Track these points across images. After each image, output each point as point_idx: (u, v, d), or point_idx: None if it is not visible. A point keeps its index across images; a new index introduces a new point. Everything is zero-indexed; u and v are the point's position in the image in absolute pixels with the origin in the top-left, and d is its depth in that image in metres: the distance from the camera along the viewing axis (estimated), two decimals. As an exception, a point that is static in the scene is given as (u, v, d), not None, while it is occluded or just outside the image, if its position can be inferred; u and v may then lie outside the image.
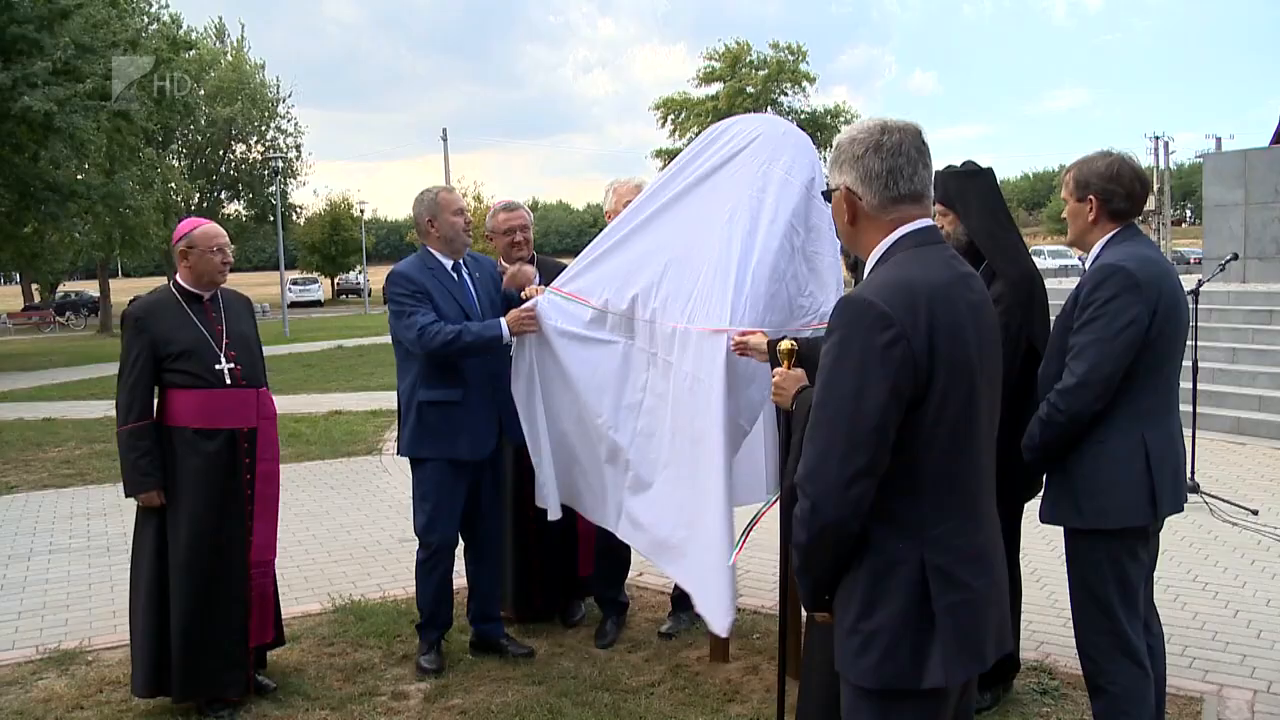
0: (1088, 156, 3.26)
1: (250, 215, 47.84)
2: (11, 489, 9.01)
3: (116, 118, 23.48)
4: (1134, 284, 3.02)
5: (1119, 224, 3.20)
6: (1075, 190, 3.23)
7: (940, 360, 2.02)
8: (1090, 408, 3.06)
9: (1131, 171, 3.18)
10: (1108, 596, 3.11)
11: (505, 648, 4.67)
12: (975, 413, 2.11)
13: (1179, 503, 3.21)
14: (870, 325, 2.00)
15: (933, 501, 2.08)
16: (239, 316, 4.34)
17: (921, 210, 2.19)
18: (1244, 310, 11.47)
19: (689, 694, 4.20)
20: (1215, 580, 5.50)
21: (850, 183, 2.19)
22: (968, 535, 2.11)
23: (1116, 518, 3.09)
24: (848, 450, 2.00)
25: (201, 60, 41.60)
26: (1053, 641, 4.64)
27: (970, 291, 2.15)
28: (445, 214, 4.55)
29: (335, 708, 4.18)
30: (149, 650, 4.09)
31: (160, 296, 4.24)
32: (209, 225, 4.29)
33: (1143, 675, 3.14)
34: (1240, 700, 4.07)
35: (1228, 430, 9.52)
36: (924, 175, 2.17)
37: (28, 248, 26.50)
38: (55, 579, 6.23)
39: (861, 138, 2.17)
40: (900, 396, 2.00)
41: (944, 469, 2.08)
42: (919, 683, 2.05)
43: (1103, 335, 3.03)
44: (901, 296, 2.03)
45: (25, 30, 20.20)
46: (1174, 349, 3.17)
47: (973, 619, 2.10)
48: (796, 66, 54.45)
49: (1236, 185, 14.27)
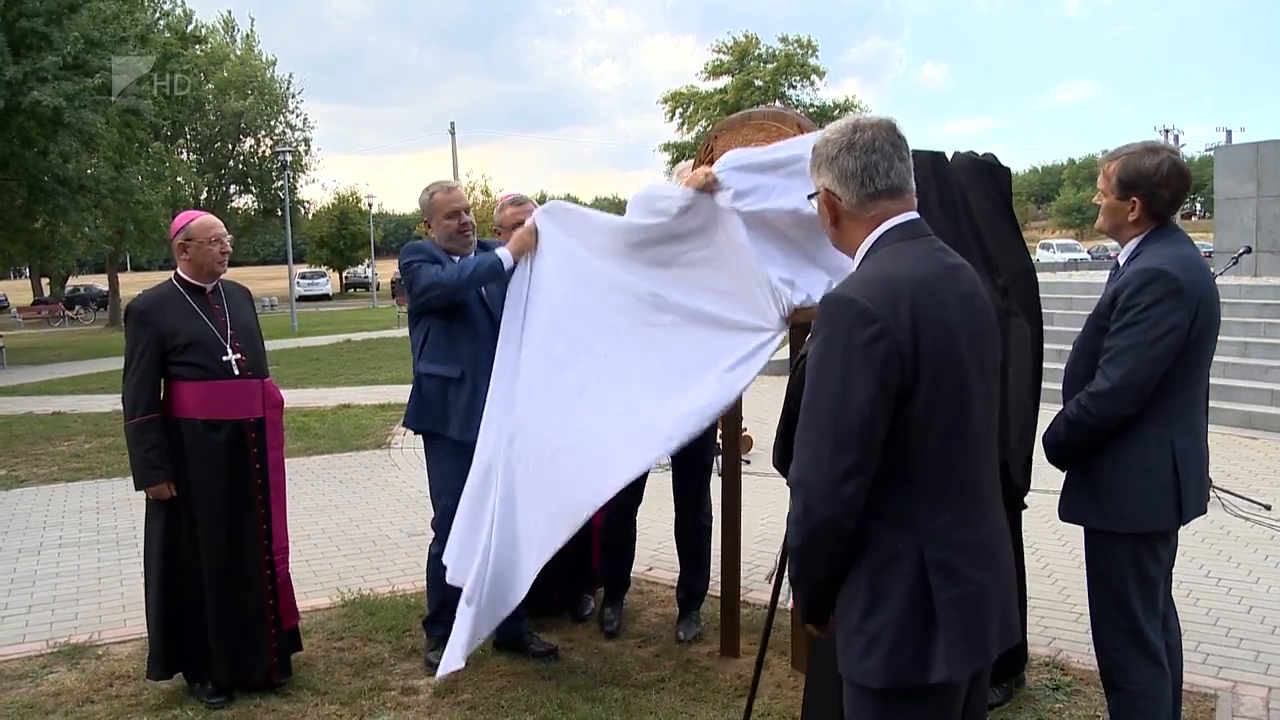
0: (1132, 151, 3.11)
1: (259, 209, 47.89)
2: (21, 483, 9.04)
3: (126, 113, 23.52)
4: (1177, 289, 2.94)
5: (1157, 222, 3.11)
6: (1118, 189, 3.10)
7: (926, 354, 2.00)
8: (1121, 413, 3.01)
9: (1180, 173, 3.06)
10: (1127, 594, 3.07)
11: (528, 645, 4.63)
12: (968, 405, 2.09)
13: (1203, 504, 3.17)
14: (853, 323, 1.99)
15: (929, 495, 2.06)
16: (240, 307, 4.39)
17: (902, 204, 2.17)
18: (1256, 304, 11.42)
19: (699, 689, 4.19)
20: (1229, 576, 5.47)
21: (829, 184, 2.19)
22: (968, 528, 2.10)
23: (1141, 522, 3.04)
24: (836, 449, 1.99)
25: (211, 55, 41.60)
26: (1065, 637, 4.62)
27: (958, 283, 2.13)
28: (439, 218, 4.49)
29: (345, 702, 4.17)
30: (163, 636, 4.18)
31: (164, 290, 4.27)
32: (205, 217, 4.30)
33: (1160, 673, 3.11)
34: (1255, 697, 4.04)
35: (1239, 425, 9.48)
36: (900, 169, 2.16)
37: (38, 242, 26.53)
38: (65, 573, 6.24)
39: (835, 138, 2.18)
40: (887, 392, 1.98)
41: (939, 462, 2.06)
42: (924, 678, 2.04)
43: (1142, 341, 2.95)
44: (883, 291, 2.02)
45: (34, 24, 20.24)
46: (1207, 349, 3.10)
47: (975, 612, 2.08)
48: (805, 60, 54.33)
49: (1248, 178, 14.20)
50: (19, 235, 25.43)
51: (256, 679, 4.25)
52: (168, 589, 4.18)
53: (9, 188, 22.81)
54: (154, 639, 4.23)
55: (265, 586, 4.25)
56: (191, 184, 39.01)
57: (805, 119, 4.05)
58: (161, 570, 4.17)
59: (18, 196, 22.86)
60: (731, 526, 4.47)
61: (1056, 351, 10.86)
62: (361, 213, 58.59)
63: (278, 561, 4.31)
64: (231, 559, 4.16)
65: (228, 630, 4.16)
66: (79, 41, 20.64)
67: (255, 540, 4.22)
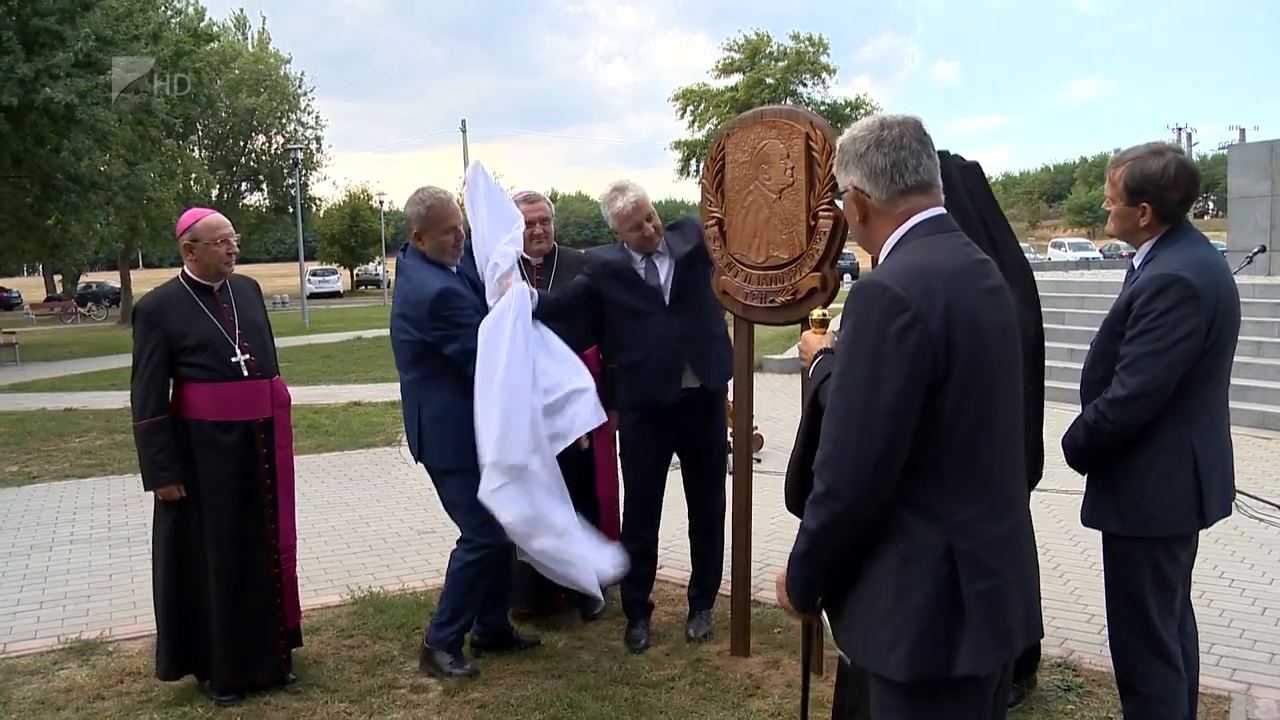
0: (1137, 154, 3.08)
1: (270, 206, 48.03)
2: (33, 479, 9.07)
3: (139, 110, 23.59)
4: (1192, 295, 2.91)
5: (1169, 224, 3.08)
6: (1126, 195, 3.08)
7: (958, 345, 1.99)
8: (1139, 420, 2.99)
9: (1187, 173, 3.04)
10: (1143, 597, 3.05)
11: (512, 637, 4.68)
12: (996, 398, 2.08)
13: (1227, 506, 3.14)
14: (885, 310, 1.98)
15: (957, 487, 2.05)
16: (250, 304, 4.35)
17: (931, 199, 2.17)
18: (1269, 303, 11.34)
19: (709, 689, 4.18)
20: (1242, 577, 5.43)
21: (857, 181, 2.19)
22: (994, 521, 2.09)
23: (1163, 526, 3.02)
24: (864, 437, 1.98)
25: (224, 53, 41.70)
26: (1076, 638, 4.59)
27: (985, 278, 2.12)
28: (437, 231, 4.30)
29: (354, 700, 4.17)
30: (170, 636, 4.18)
31: (171, 290, 4.24)
32: (212, 216, 4.25)
33: (1176, 678, 3.08)
34: (1269, 699, 4.01)
35: (1253, 425, 9.41)
36: (929, 165, 2.17)
37: (50, 239, 26.63)
38: (76, 569, 6.26)
39: (862, 135, 2.18)
40: (918, 382, 1.97)
41: (968, 455, 2.05)
42: (949, 670, 2.03)
43: (1158, 348, 2.93)
44: (917, 280, 2.01)
45: (47, 22, 20.31)
46: (1226, 352, 3.08)
47: (1001, 606, 2.07)
48: (816, 58, 54.21)
49: (1262, 177, 14.12)
50: (31, 232, 25.53)
51: (263, 679, 4.24)
52: (175, 589, 4.17)
53: (22, 185, 22.91)
54: (161, 639, 4.23)
55: (272, 586, 4.25)
56: (203, 181, 39.11)
57: (817, 116, 4.04)
58: (169, 570, 4.16)
59: (30, 194, 22.96)
60: (743, 525, 4.45)
61: (1069, 351, 10.87)
62: (373, 210, 58.64)
63: (284, 561, 4.30)
64: (238, 559, 4.15)
65: (233, 631, 4.15)
66: (90, 38, 20.70)
67: (263, 540, 4.22)
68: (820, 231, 3.95)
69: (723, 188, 4.28)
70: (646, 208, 4.53)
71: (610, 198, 4.57)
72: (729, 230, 4.28)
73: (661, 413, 4.58)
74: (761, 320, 4.31)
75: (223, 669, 4.17)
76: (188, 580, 4.17)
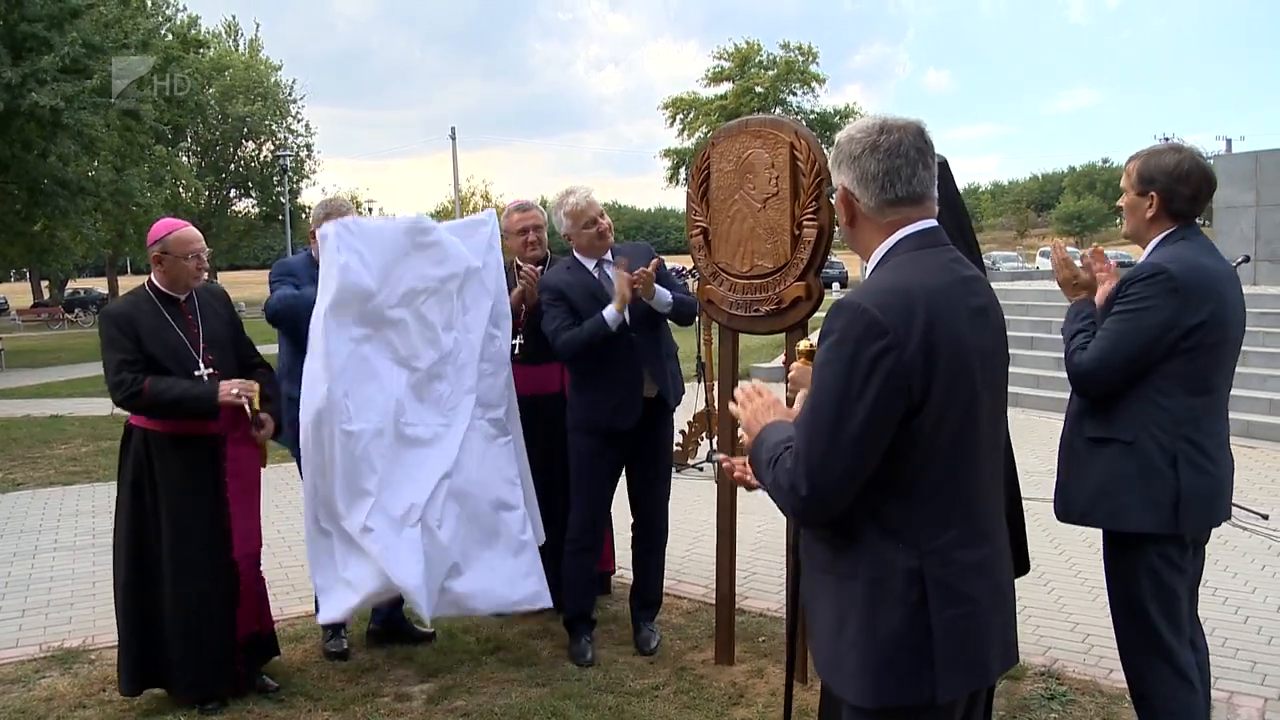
0: (1156, 149, 3.12)
1: (259, 213, 47.89)
2: (18, 486, 9.03)
3: (126, 116, 23.56)
4: (1171, 288, 2.93)
5: (1177, 223, 3.09)
6: (1137, 184, 3.10)
7: (938, 367, 1.96)
8: (1094, 389, 3.06)
9: (1201, 172, 3.04)
10: (1145, 606, 3.03)
11: (405, 630, 4.84)
12: (977, 421, 2.06)
13: (1214, 518, 3.10)
14: (861, 334, 1.95)
15: (933, 511, 2.02)
16: (216, 315, 4.30)
17: (922, 211, 2.12)
18: (1255, 313, 11.37)
19: (693, 697, 4.17)
20: (1225, 586, 5.45)
21: (848, 183, 2.13)
22: (970, 546, 2.05)
23: (1134, 521, 3.01)
24: (830, 451, 1.96)
25: (216, 60, 41.61)
26: (1060, 647, 4.60)
27: (973, 296, 2.08)
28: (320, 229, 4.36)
29: (338, 708, 4.16)
30: (131, 649, 4.11)
31: (137, 299, 4.18)
32: (184, 230, 4.18)
33: (1188, 688, 3.03)
34: (1251, 708, 4.02)
35: (1238, 434, 9.43)
36: (924, 176, 2.10)
37: (37, 245, 26.58)
38: (60, 576, 6.23)
39: (859, 137, 2.11)
40: (889, 406, 1.94)
41: (945, 478, 2.02)
42: (915, 698, 2.01)
43: (1122, 328, 2.97)
44: (896, 301, 1.97)
45: (35, 29, 20.30)
46: (1220, 358, 3.06)
47: (974, 633, 2.04)
48: (806, 67, 54.34)
49: (1247, 187, 14.21)
50: (18, 238, 25.47)
51: (221, 691, 4.14)
52: (133, 600, 4.09)
53: (9, 191, 22.88)
54: (120, 653, 4.15)
55: (228, 594, 4.12)
56: (192, 188, 39.03)
57: (802, 126, 4.05)
58: (127, 582, 4.09)
59: (17, 200, 22.91)
60: (727, 534, 4.45)
61: (1055, 360, 10.89)
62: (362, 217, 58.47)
63: (245, 568, 4.20)
64: (190, 567, 4.04)
65: (187, 641, 4.05)
66: (78, 44, 20.67)
67: (216, 547, 4.10)
68: (805, 241, 3.96)
69: (708, 197, 4.29)
70: (598, 205, 4.60)
71: (560, 198, 4.62)
72: (714, 239, 4.29)
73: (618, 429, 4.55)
74: (746, 329, 4.33)
75: (179, 681, 4.09)
76: (144, 591, 4.09)
